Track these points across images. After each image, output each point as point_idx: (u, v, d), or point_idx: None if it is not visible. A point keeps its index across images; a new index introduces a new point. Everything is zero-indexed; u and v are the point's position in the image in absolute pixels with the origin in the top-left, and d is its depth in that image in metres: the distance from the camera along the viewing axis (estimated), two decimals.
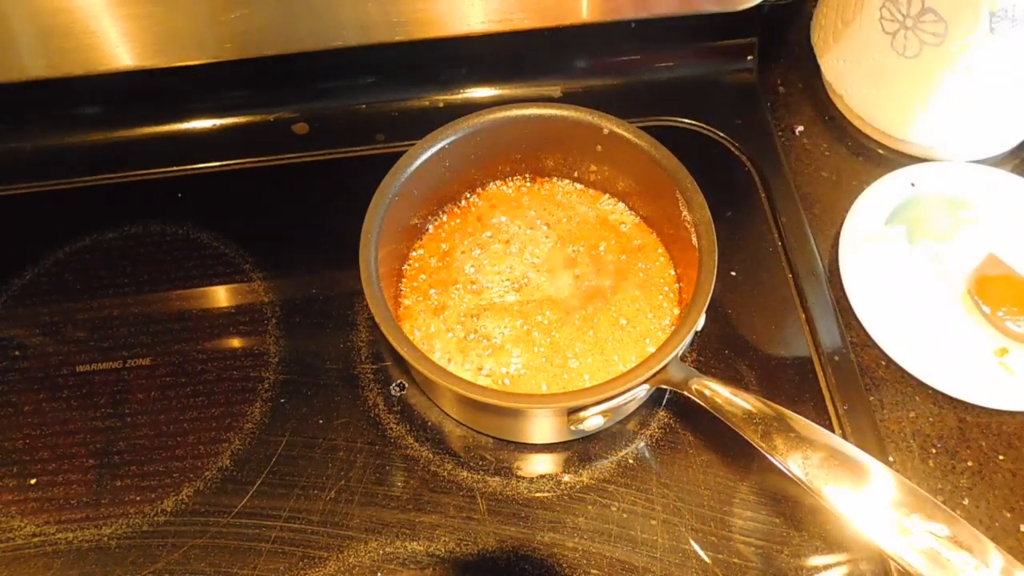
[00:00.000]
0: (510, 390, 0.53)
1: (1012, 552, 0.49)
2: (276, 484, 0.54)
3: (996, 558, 0.41)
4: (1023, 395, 0.55)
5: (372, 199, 0.53)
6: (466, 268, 0.58)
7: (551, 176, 0.62)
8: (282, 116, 0.71)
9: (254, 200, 0.67)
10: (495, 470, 0.54)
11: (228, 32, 0.62)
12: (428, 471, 0.54)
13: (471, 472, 0.54)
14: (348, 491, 0.54)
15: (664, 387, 0.50)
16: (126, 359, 0.59)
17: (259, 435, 0.56)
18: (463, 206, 0.61)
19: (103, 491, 0.54)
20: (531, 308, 0.56)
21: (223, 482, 0.54)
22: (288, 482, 0.54)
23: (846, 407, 0.56)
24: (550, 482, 0.54)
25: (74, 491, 0.54)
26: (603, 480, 0.54)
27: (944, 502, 0.53)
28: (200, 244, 0.65)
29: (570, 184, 0.62)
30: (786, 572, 0.50)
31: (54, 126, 0.71)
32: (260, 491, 0.54)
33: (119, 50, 0.62)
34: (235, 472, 0.54)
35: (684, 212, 0.53)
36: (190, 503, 0.53)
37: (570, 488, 0.54)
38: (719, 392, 0.48)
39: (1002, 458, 0.55)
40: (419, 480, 0.54)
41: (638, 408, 0.56)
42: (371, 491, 0.54)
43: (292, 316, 0.61)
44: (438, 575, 0.51)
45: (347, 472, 0.54)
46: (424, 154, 0.55)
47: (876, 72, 0.65)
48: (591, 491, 0.53)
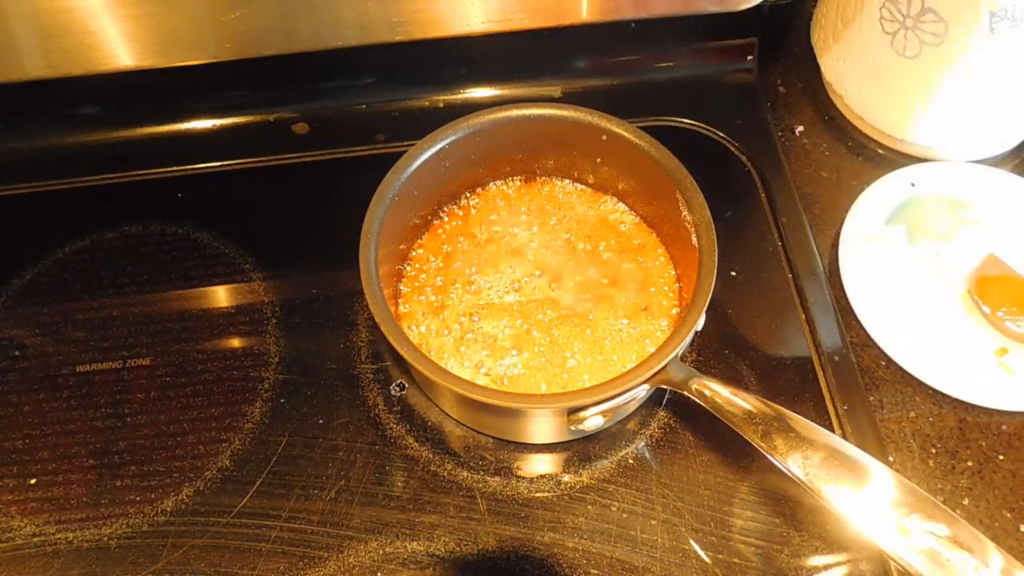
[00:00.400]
0: (510, 390, 0.53)
1: (1012, 552, 0.49)
2: (276, 484, 0.54)
3: (996, 558, 0.41)
4: (1023, 395, 0.56)
5: (372, 199, 0.53)
6: (466, 268, 0.58)
7: (551, 176, 0.62)
8: (282, 116, 0.71)
9: (254, 200, 0.67)
10: (495, 470, 0.54)
11: (228, 32, 0.62)
12: (428, 471, 0.54)
13: (471, 472, 0.54)
14: (348, 491, 0.54)
15: (664, 387, 0.50)
16: (126, 359, 0.59)
17: (259, 435, 0.56)
18: (463, 206, 0.61)
19: (103, 491, 0.54)
20: (531, 308, 0.56)
21: (223, 482, 0.54)
22: (288, 482, 0.54)
23: (846, 407, 0.56)
24: (550, 482, 0.54)
25: (74, 491, 0.54)
26: (603, 480, 0.54)
27: (944, 502, 0.53)
28: (200, 244, 0.65)
29: (570, 184, 0.62)
30: (786, 572, 0.50)
31: (54, 126, 0.71)
32: (260, 491, 0.54)
33: (119, 50, 0.62)
34: (235, 472, 0.54)
35: (684, 212, 0.53)
36: (190, 503, 0.53)
37: (570, 488, 0.54)
38: (719, 392, 0.48)
39: (1002, 458, 0.55)
40: (419, 480, 0.54)
41: (638, 408, 0.56)
42: (371, 491, 0.54)
43: (292, 316, 0.61)
44: (438, 575, 0.51)
45: (347, 472, 0.54)
46: (424, 154, 0.55)
47: (876, 72, 0.65)
48: (591, 491, 0.53)
